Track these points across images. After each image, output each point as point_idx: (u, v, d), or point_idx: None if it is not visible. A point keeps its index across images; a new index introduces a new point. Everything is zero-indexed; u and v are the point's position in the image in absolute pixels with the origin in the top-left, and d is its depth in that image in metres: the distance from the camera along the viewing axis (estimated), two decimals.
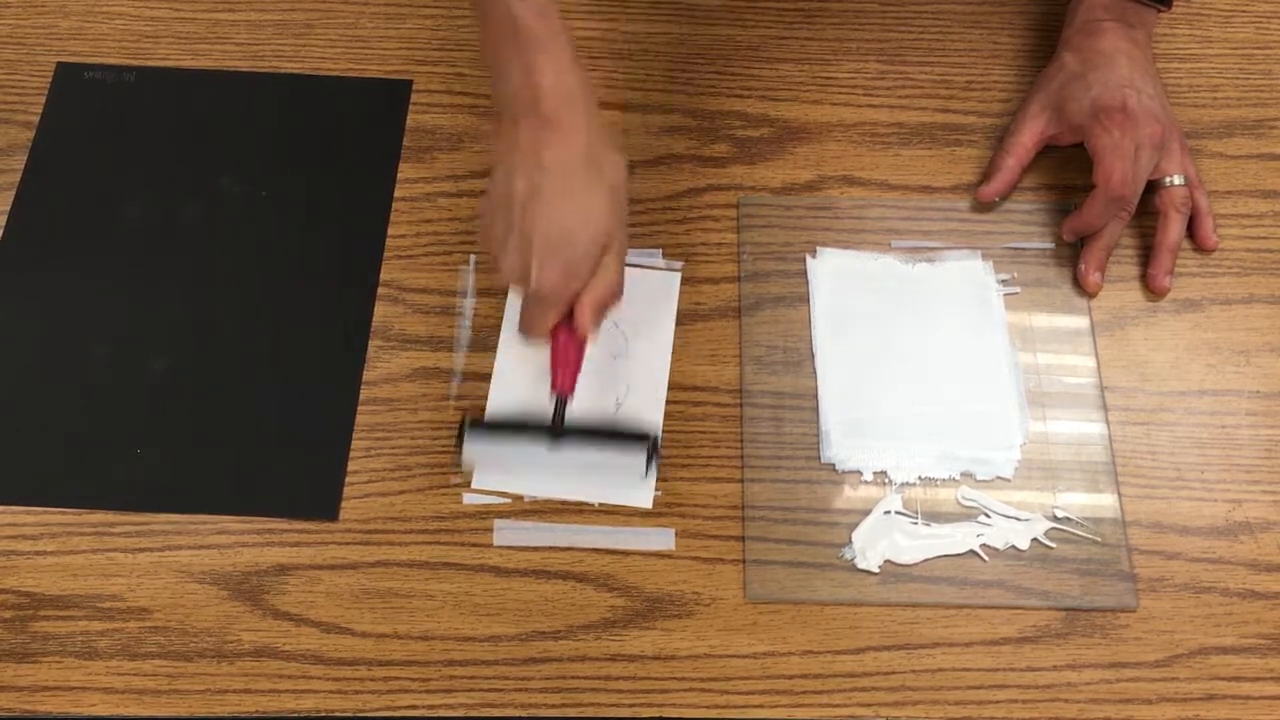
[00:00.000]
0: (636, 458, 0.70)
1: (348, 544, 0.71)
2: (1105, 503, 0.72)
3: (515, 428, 0.71)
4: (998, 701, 0.67)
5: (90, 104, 0.85)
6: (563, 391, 0.70)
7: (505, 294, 0.78)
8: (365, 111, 0.85)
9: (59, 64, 0.87)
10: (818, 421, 0.75)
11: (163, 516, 0.72)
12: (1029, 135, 0.82)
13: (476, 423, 0.72)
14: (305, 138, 0.84)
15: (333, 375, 0.76)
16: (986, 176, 0.82)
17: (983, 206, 0.82)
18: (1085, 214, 0.78)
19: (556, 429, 0.69)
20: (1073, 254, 0.80)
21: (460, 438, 0.71)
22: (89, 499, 0.72)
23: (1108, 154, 0.77)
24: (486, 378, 0.76)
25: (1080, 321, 0.78)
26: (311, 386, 0.76)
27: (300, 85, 0.85)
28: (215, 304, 0.78)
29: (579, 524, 0.72)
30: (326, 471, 0.73)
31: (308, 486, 0.73)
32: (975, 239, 0.81)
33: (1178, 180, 0.79)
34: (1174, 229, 0.79)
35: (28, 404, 0.75)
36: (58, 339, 0.77)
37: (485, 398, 0.75)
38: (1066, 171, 0.84)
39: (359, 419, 0.75)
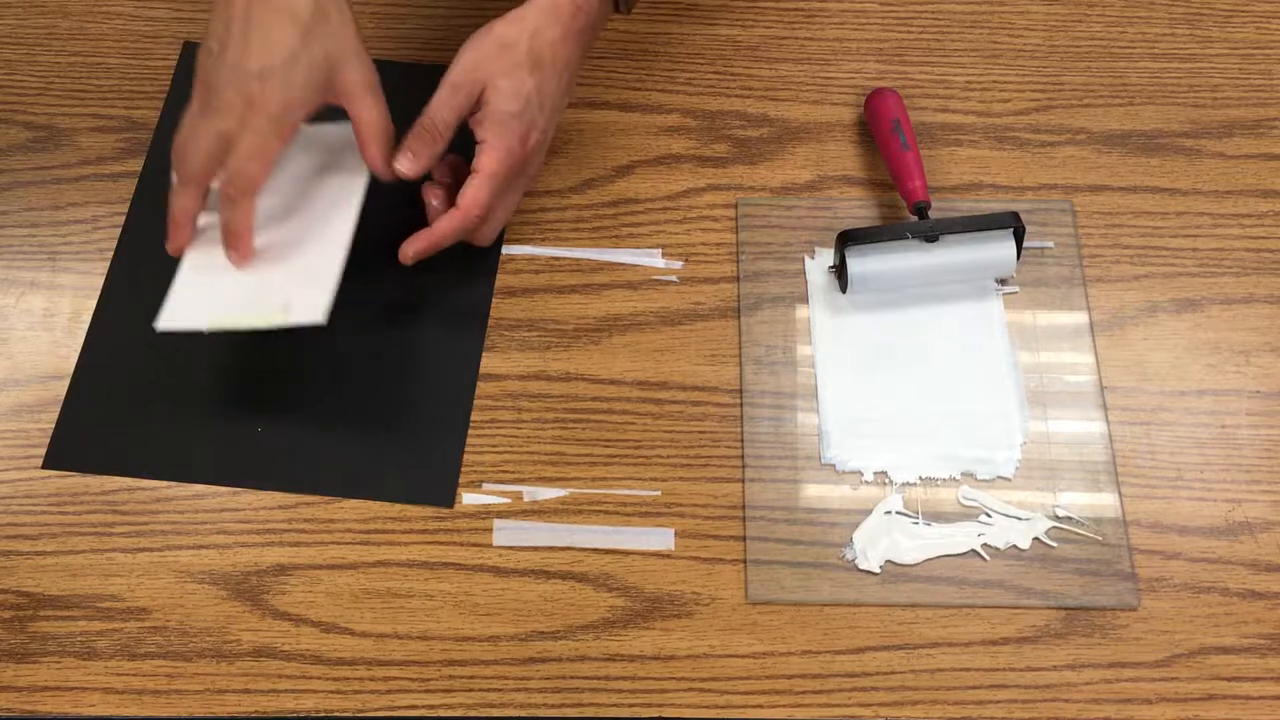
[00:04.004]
0: (1006, 241, 0.76)
1: (347, 544, 0.71)
2: (1106, 502, 0.72)
3: (888, 236, 0.76)
4: (997, 701, 0.67)
5: None
6: (926, 199, 0.78)
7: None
8: None
9: (185, 42, 0.88)
10: (818, 421, 0.75)
11: (162, 517, 0.72)
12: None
13: (848, 237, 0.76)
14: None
15: (452, 363, 0.76)
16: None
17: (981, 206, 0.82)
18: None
19: (930, 228, 0.76)
20: (1071, 254, 0.81)
21: (841, 257, 0.76)
22: (217, 474, 0.73)
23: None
24: (486, 378, 0.76)
25: (1080, 321, 0.78)
26: (431, 374, 0.76)
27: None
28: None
29: (578, 524, 0.72)
30: (443, 459, 0.73)
31: (426, 473, 0.73)
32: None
33: None
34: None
35: (154, 383, 0.76)
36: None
37: (482, 396, 0.75)
38: (1066, 170, 0.84)
39: None
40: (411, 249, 0.74)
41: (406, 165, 0.72)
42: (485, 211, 0.73)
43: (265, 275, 0.74)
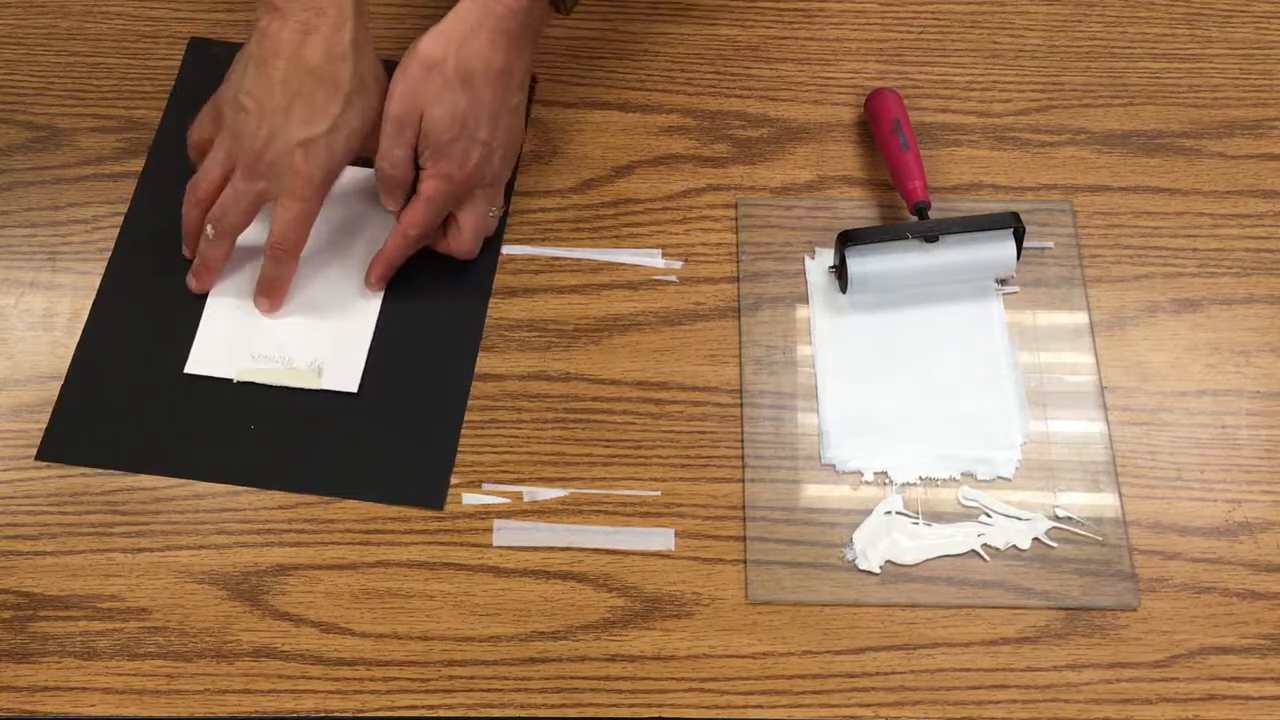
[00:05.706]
0: (1006, 241, 0.76)
1: (347, 544, 0.71)
2: (1106, 502, 0.72)
3: (888, 236, 0.76)
4: (997, 701, 0.67)
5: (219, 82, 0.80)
6: (926, 199, 0.78)
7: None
8: None
9: (192, 38, 0.88)
10: (818, 421, 0.75)
11: (162, 517, 0.72)
12: None
13: (848, 237, 0.76)
14: None
15: (447, 365, 0.76)
16: None
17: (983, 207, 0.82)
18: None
19: (930, 228, 0.76)
20: (1071, 254, 0.81)
21: (841, 257, 0.76)
22: (211, 472, 0.73)
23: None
24: (486, 378, 0.76)
25: (1080, 321, 0.78)
26: (425, 376, 0.76)
27: None
28: None
29: (578, 524, 0.72)
30: (435, 461, 0.73)
31: (418, 475, 0.73)
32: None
33: None
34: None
35: (150, 380, 0.76)
36: (174, 318, 0.77)
37: (482, 396, 0.75)
38: (1066, 170, 0.84)
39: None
40: (373, 275, 0.78)
41: (389, 205, 0.76)
42: (423, 231, 0.75)
43: (294, 327, 0.77)
